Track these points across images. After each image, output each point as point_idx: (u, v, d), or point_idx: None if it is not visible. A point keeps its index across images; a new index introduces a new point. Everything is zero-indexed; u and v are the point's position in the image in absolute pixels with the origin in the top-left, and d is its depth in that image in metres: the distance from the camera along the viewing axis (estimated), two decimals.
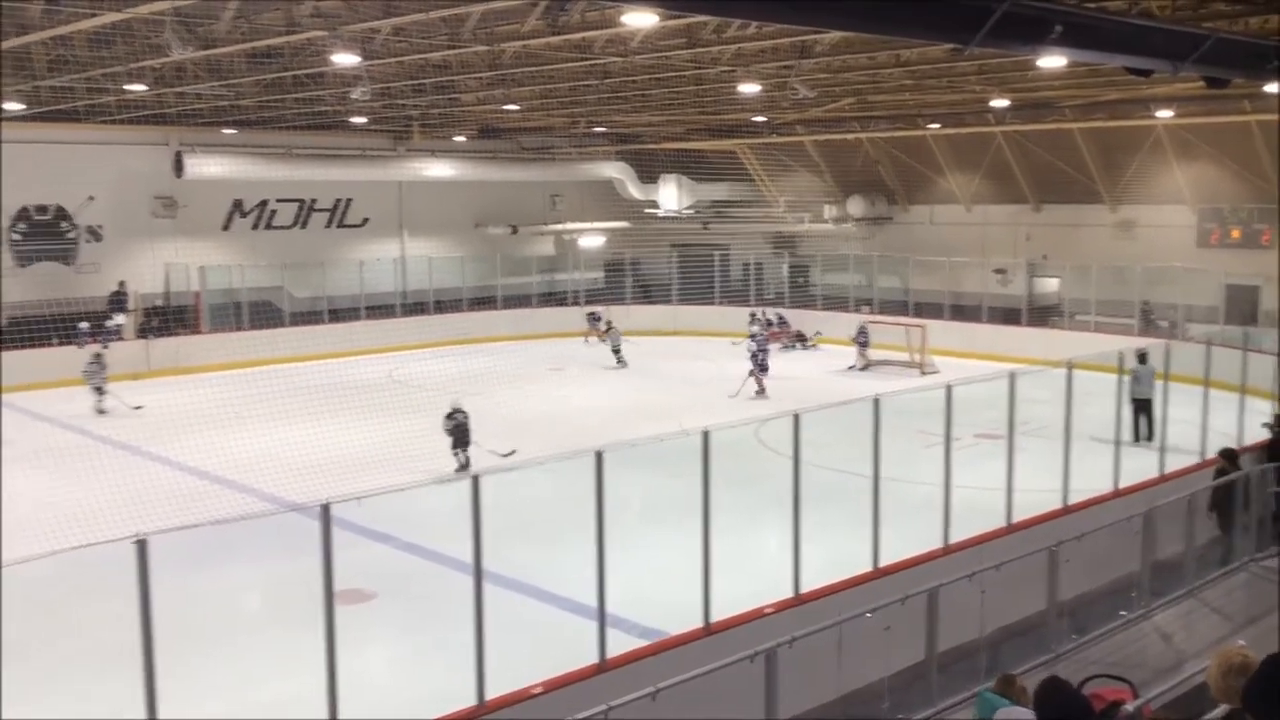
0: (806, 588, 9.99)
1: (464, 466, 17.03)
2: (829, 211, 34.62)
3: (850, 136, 31.33)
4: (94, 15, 13.22)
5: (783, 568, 10.12)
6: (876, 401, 10.63)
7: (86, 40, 16.49)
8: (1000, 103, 24.13)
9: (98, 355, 23.57)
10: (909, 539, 11.21)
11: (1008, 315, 29.45)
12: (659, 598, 10.87)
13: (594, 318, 31.16)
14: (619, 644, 9.10)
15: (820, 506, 10.85)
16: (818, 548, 10.42)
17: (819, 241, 34.87)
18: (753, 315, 29.82)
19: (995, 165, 31.05)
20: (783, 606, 9.82)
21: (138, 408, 22.42)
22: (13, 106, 22.34)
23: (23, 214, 27.27)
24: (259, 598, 12.68)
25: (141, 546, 6.52)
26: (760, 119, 29.05)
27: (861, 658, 9.28)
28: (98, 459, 18.39)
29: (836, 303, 32.09)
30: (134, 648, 6.67)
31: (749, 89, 20.58)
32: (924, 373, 26.26)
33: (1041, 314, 29.77)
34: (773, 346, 28.67)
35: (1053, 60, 13.94)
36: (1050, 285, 30.55)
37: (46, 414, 22.25)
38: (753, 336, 25.79)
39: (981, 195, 32.31)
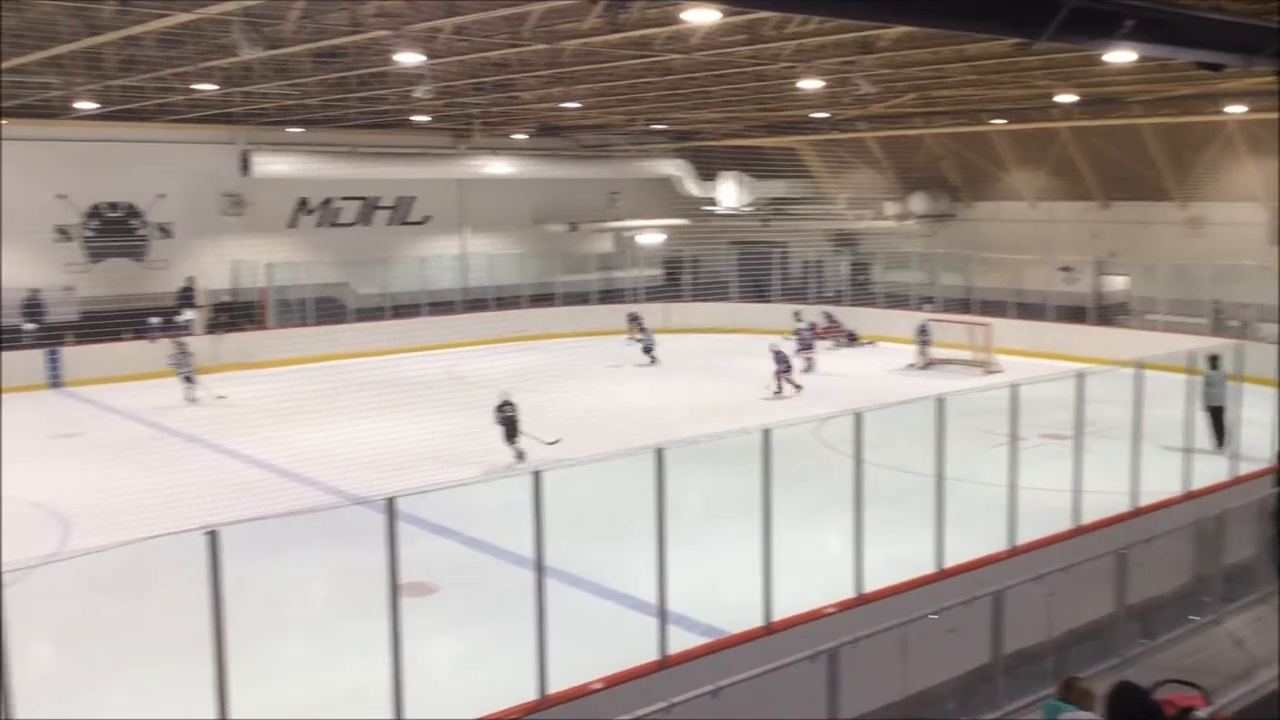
0: (868, 588, 9.91)
1: (520, 457, 17.37)
2: (890, 208, 34.30)
3: (912, 132, 30.98)
4: (164, 16, 13.46)
5: (844, 567, 10.06)
6: (940, 401, 10.52)
7: (157, 40, 16.81)
8: (1066, 98, 23.71)
9: (182, 346, 24.18)
10: (973, 540, 11.08)
11: (1074, 314, 28.97)
12: (719, 596, 10.85)
13: (633, 318, 31.08)
14: (679, 641, 9.10)
15: (882, 506, 10.75)
16: (879, 548, 10.33)
17: (880, 239, 34.56)
18: (796, 314, 29.62)
19: (1061, 161, 30.55)
20: (844, 606, 9.76)
21: (221, 397, 22.90)
22: (85, 105, 22.87)
23: (95, 211, 27.89)
24: (325, 588, 12.85)
25: (213, 537, 6.64)
26: (821, 115, 28.84)
27: (925, 659, 9.20)
28: (168, 451, 18.80)
29: (898, 301, 31.79)
30: (205, 635, 6.79)
31: (810, 85, 20.43)
32: (988, 372, 25.93)
33: (1109, 313, 29.24)
34: (821, 345, 28.54)
35: (1122, 55, 13.66)
36: (1118, 283, 30.00)
37: (117, 406, 22.74)
38: (797, 334, 25.61)
39: (1047, 192, 31.81)
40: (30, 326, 25.74)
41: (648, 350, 28.49)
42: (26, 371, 24.50)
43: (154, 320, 26.69)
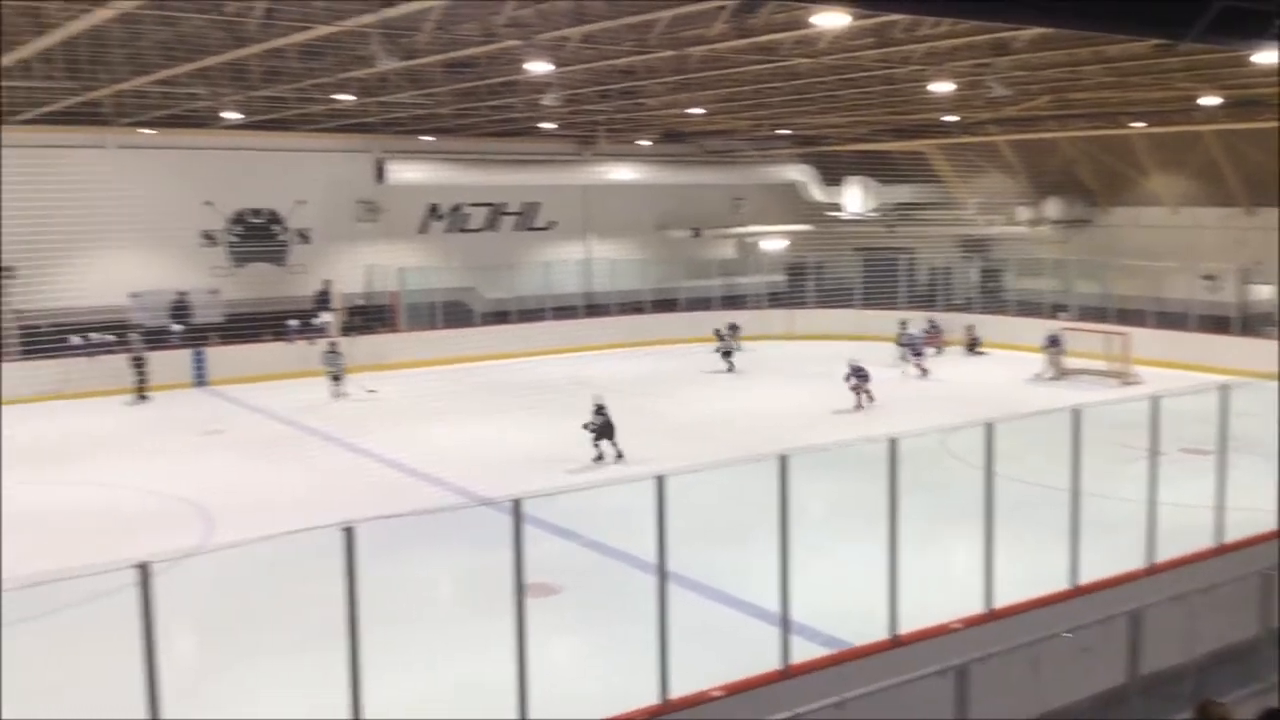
0: (998, 603, 9.68)
1: (600, 458, 17.95)
2: (1023, 214, 33.42)
3: (1047, 136, 30.13)
4: (306, 29, 13.96)
5: (972, 582, 9.84)
6: (1077, 412, 10.21)
7: (299, 52, 17.46)
8: (1210, 100, 22.77)
9: (334, 345, 25.29)
10: (1109, 557, 10.71)
11: (1216, 324, 27.76)
12: (843, 606, 10.72)
13: (732, 328, 30.72)
14: (801, 651, 9.02)
15: (1012, 520, 10.48)
16: (1010, 563, 10.08)
17: (1012, 245, 33.69)
18: (903, 323, 29.05)
19: (1204, 165, 29.31)
20: (972, 622, 9.54)
21: (372, 391, 23.67)
22: (231, 115, 23.87)
23: (239, 217, 29.07)
24: (451, 586, 13.12)
25: (349, 534, 6.84)
26: (951, 118, 28.30)
27: (1058, 678, 8.93)
28: (304, 449, 19.46)
29: (1030, 308, 30.93)
30: (340, 627, 7.00)
31: (941, 88, 20.06)
32: (1125, 383, 25.03)
33: (1253, 323, 27.91)
34: (929, 351, 28.13)
35: (1271, 56, 13.06)
36: (1263, 293, 28.60)
37: (258, 405, 23.63)
38: (906, 342, 25.22)
39: (1188, 197, 30.55)
40: (178, 328, 26.95)
41: (727, 355, 28.23)
42: (174, 371, 25.65)
43: (292, 323, 27.68)
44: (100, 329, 25.56)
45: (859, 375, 22.13)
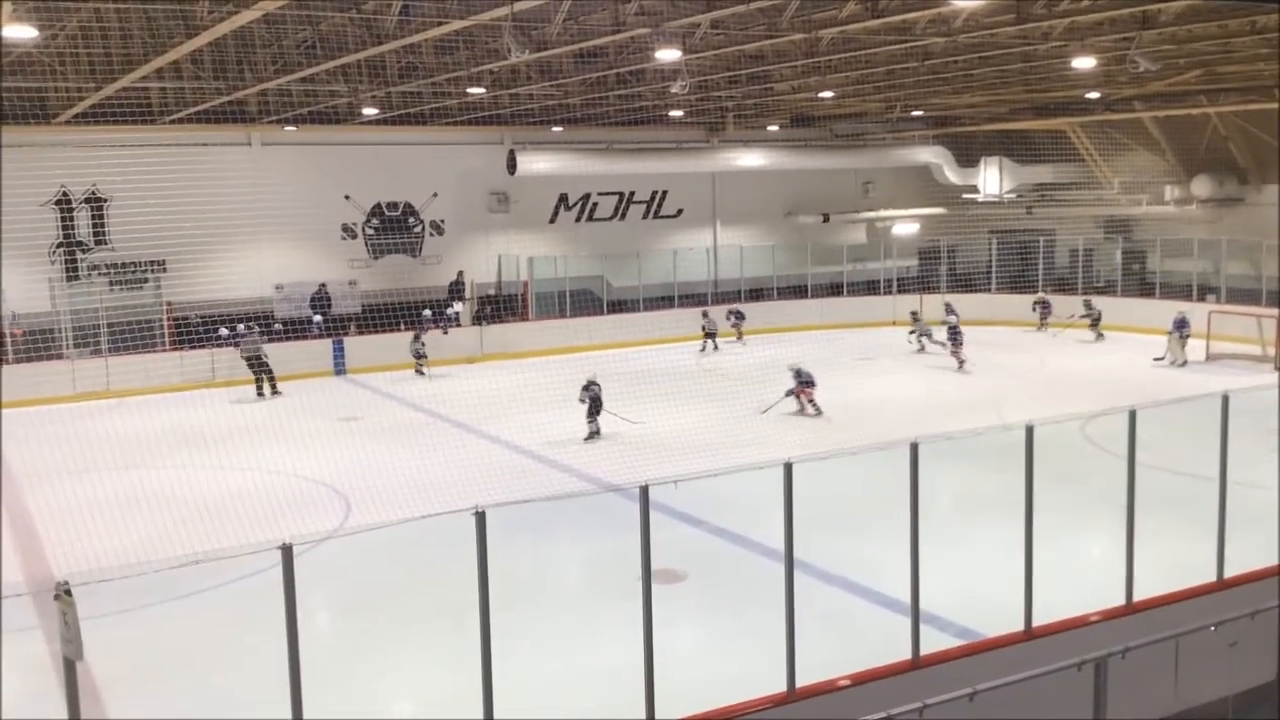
0: (1139, 595, 9.35)
1: (594, 435, 18.82)
2: (1170, 193, 32.01)
3: (1196, 111, 28.80)
4: (441, 24, 14.26)
5: (1109, 573, 9.53)
6: (1225, 399, 9.77)
7: (434, 47, 17.87)
8: None
9: (416, 336, 26.32)
10: (1257, 549, 10.24)
11: None
12: (975, 597, 10.51)
13: (737, 316, 30.24)
14: (932, 642, 8.88)
15: (1153, 510, 10.10)
16: (1151, 554, 9.72)
17: (1158, 225, 32.32)
18: (948, 306, 28.26)
19: None
20: (1110, 614, 9.25)
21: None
22: (369, 111, 24.58)
23: (377, 210, 29.93)
24: (579, 570, 13.31)
25: (480, 518, 7.00)
26: (1093, 95, 27.30)
27: (1201, 674, 8.58)
28: (438, 435, 19.95)
29: (1177, 291, 29.64)
30: (471, 608, 7.17)
31: (1082, 64, 19.35)
32: (1278, 367, 23.83)
33: None
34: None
35: None
36: None
37: (393, 393, 24.33)
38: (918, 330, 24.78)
39: None
40: (318, 318, 27.91)
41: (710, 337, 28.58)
42: (315, 359, 26.57)
43: (426, 313, 28.38)
44: (246, 320, 26.66)
45: (804, 382, 20.56)
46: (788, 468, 8.03)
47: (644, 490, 7.59)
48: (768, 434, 17.98)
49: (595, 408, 19.03)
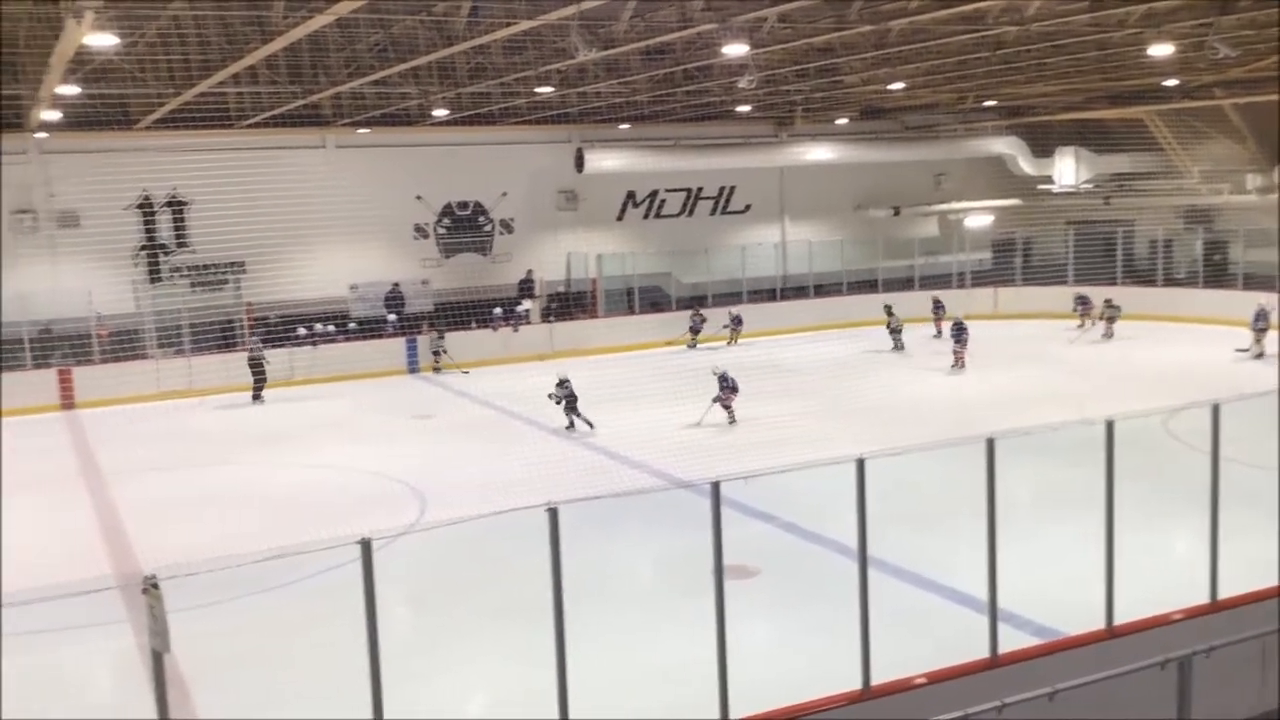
0: (1223, 593, 9.13)
1: (570, 426, 19.54)
2: (1252, 181, 31.14)
3: (1277, 97, 28.00)
4: (509, 24, 14.39)
5: (1193, 570, 9.32)
6: None
7: (502, 48, 18.03)
8: None
9: (440, 334, 26.95)
10: None
11: None
12: (1052, 594, 10.35)
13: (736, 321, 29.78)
14: (1010, 640, 8.76)
15: (1238, 507, 9.85)
16: (1236, 551, 9.48)
17: (1240, 215, 31.47)
18: (936, 301, 28.60)
19: None
20: (1194, 612, 9.05)
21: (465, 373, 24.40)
22: (438, 112, 24.87)
23: (448, 210, 30.28)
24: (650, 566, 13.34)
25: (553, 514, 7.05)
26: (1172, 83, 26.66)
27: None
28: (510, 432, 20.13)
29: (1261, 282, 28.83)
30: (545, 604, 7.24)
31: (1159, 51, 18.93)
32: None
33: None
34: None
35: None
36: None
37: (465, 390, 24.59)
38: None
39: None
40: (392, 317, 28.32)
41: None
42: (389, 358, 26.97)
43: (496, 311, 28.65)
44: (323, 319, 27.16)
45: (728, 387, 19.94)
46: (860, 464, 7.98)
47: (715, 486, 7.59)
48: (838, 430, 17.85)
49: (561, 402, 19.69)
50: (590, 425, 19.59)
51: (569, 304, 30.64)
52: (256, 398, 23.97)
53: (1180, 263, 32.23)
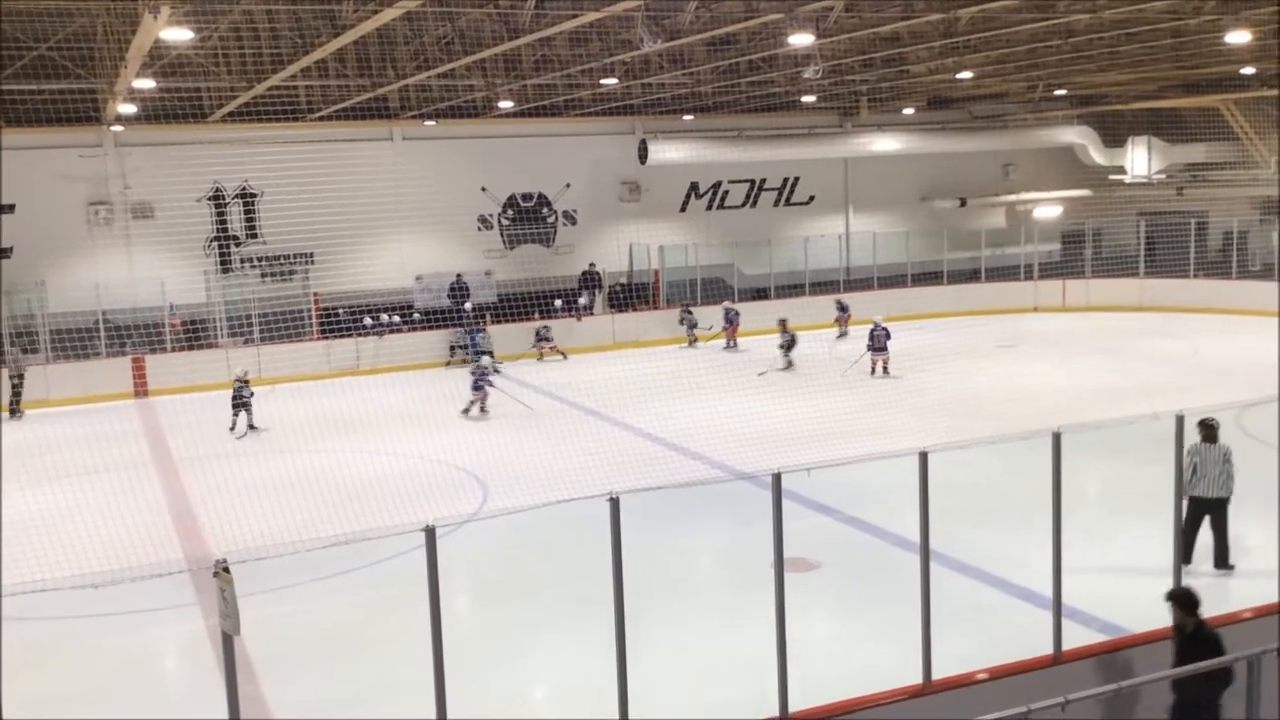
0: None
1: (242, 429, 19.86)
2: None
3: None
4: (575, 15, 14.44)
5: (1263, 568, 9.12)
6: None
7: (567, 40, 18.10)
8: None
9: (468, 330, 26.87)
10: None
11: None
12: (1119, 591, 10.19)
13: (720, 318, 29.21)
14: (1074, 636, 8.64)
15: None
16: None
17: None
18: (839, 303, 28.26)
19: None
20: (1264, 611, 8.85)
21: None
22: (503, 104, 25.02)
23: (512, 201, 30.48)
24: (710, 558, 13.35)
25: (614, 504, 7.08)
26: (1248, 71, 25.99)
27: None
28: (570, 422, 20.23)
29: None
30: (605, 594, 7.27)
31: (1236, 38, 18.46)
32: None
33: None
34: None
35: None
36: None
37: (527, 380, 24.75)
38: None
39: None
40: (468, 306, 28.50)
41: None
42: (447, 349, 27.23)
43: (558, 302, 28.78)
44: (389, 310, 27.50)
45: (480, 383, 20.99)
46: (923, 457, 7.91)
47: (776, 478, 7.57)
48: (901, 423, 17.70)
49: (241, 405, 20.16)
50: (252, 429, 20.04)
51: (631, 295, 30.71)
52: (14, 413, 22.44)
53: (1256, 254, 31.42)
